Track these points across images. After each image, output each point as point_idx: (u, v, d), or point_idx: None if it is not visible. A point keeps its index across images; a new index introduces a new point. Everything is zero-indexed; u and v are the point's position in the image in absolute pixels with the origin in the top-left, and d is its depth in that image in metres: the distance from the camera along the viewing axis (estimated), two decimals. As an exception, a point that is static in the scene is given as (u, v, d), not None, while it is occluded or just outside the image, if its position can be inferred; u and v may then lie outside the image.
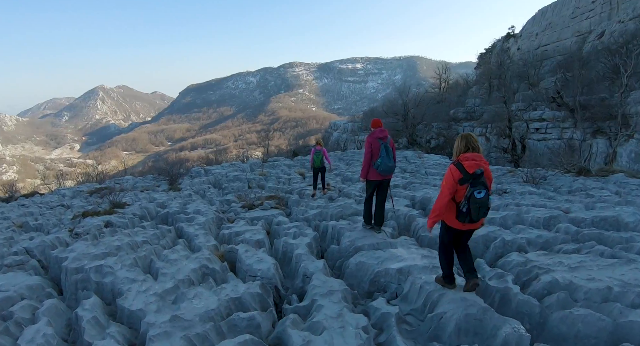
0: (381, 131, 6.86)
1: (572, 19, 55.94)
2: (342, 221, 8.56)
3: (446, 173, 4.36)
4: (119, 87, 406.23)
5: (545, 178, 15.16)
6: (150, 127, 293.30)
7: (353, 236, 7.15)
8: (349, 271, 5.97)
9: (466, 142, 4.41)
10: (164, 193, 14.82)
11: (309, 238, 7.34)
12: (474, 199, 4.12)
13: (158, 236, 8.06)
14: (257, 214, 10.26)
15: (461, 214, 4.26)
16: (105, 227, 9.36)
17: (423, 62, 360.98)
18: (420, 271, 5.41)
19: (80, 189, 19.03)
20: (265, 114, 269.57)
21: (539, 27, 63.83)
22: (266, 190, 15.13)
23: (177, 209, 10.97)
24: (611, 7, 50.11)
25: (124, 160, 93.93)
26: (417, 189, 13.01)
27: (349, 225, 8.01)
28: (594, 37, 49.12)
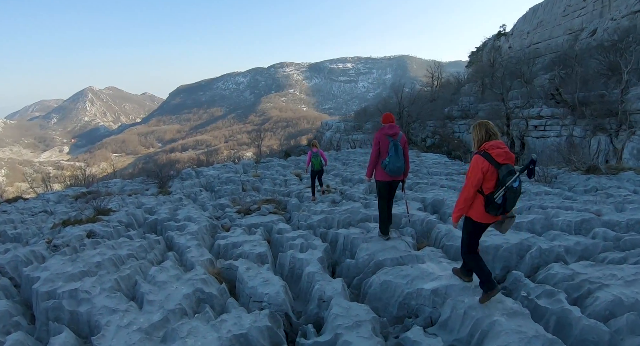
0: (391, 127, 6.27)
1: (564, 17, 56.40)
2: (352, 228, 7.65)
3: (472, 164, 4.06)
4: (108, 88, 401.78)
5: (556, 177, 14.53)
6: (140, 128, 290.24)
7: (371, 249, 6.25)
8: (373, 293, 5.06)
9: (486, 130, 4.12)
10: (153, 197, 13.81)
11: (320, 251, 6.43)
12: (511, 189, 3.87)
13: (145, 249, 7.10)
14: (254, 220, 9.34)
15: (493, 206, 3.98)
16: (87, 237, 8.38)
17: (413, 62, 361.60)
18: (461, 293, 4.54)
19: (66, 194, 17.92)
20: (256, 115, 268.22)
21: (530, 25, 64.45)
22: (262, 193, 14.22)
23: (166, 216, 10.03)
24: (603, 5, 50.55)
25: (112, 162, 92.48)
26: (426, 191, 12.19)
27: (363, 234, 7.10)
28: (586, 35, 49.44)
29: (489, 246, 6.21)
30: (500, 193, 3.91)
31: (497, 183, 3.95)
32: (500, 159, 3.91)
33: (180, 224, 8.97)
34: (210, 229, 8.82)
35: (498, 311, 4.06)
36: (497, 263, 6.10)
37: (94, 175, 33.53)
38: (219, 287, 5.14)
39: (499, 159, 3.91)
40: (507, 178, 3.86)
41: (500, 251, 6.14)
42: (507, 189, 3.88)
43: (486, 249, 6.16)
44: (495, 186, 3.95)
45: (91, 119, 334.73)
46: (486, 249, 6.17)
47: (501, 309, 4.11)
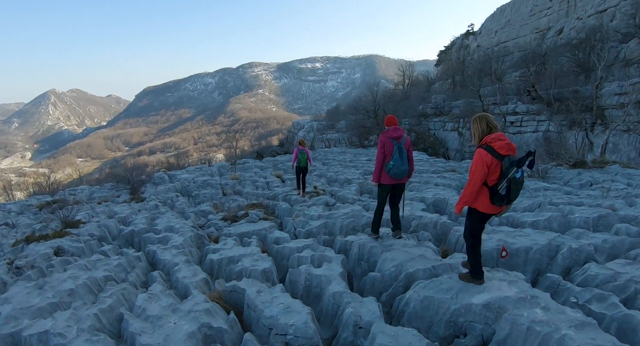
0: (395, 130, 6.12)
1: (531, 17, 58.05)
2: (362, 235, 6.85)
3: (475, 158, 4.10)
4: (71, 91, 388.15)
5: (547, 172, 14.31)
6: (106, 132, 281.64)
7: (397, 259, 5.45)
8: (413, 312, 4.30)
9: (487, 122, 4.16)
10: (126, 205, 12.69)
11: (338, 264, 5.58)
12: (515, 181, 3.97)
13: (125, 267, 6.16)
14: (244, 228, 8.44)
15: (498, 198, 4.06)
16: (55, 255, 7.35)
17: (382, 61, 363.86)
18: (517, 305, 3.93)
19: (29, 203, 16.50)
20: (225, 116, 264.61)
21: (498, 24, 65.99)
22: (245, 197, 13.31)
23: (144, 227, 8.98)
24: (569, 5, 52.26)
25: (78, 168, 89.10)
26: (422, 190, 11.59)
27: (381, 242, 6.29)
28: (553, 34, 50.77)
29: (519, 248, 5.82)
30: (503, 184, 3.99)
31: (500, 174, 4.02)
32: (503, 151, 3.96)
33: (162, 236, 8.00)
34: (196, 240, 7.88)
35: (564, 323, 3.59)
36: (528, 266, 5.73)
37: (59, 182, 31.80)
38: (227, 318, 4.21)
39: (501, 151, 3.96)
40: (510, 169, 3.93)
41: (531, 253, 5.74)
42: (510, 180, 3.96)
43: (516, 252, 5.81)
44: (499, 177, 4.03)
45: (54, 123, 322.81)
46: (516, 252, 5.81)
47: (565, 320, 3.65)
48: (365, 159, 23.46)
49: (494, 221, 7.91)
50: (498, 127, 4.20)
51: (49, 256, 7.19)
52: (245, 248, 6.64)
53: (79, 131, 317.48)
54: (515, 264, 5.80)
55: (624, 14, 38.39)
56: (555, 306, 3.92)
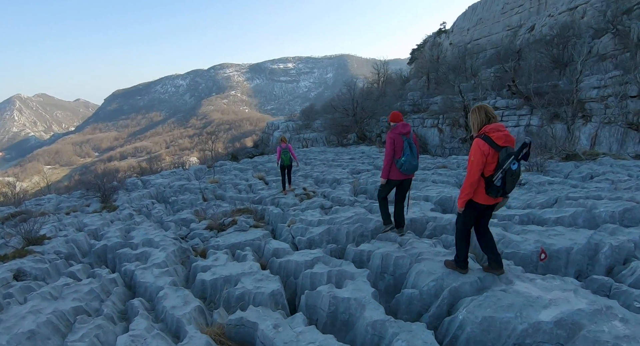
0: (404, 126, 6.06)
1: (502, 14, 59.40)
2: (378, 243, 5.96)
3: (473, 148, 4.06)
4: (37, 95, 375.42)
5: (542, 165, 13.93)
6: (75, 137, 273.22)
7: (435, 271, 4.57)
8: (471, 336, 3.47)
9: (486, 113, 4.13)
10: (97, 215, 11.48)
11: (365, 281, 4.62)
12: (510, 172, 3.92)
13: (98, 294, 5.13)
14: (234, 238, 7.47)
15: (493, 189, 4.02)
16: (14, 279, 6.27)
17: (354, 60, 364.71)
18: (594, 319, 3.35)
19: (-10, 215, 15.16)
20: (197, 118, 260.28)
21: (470, 22, 67.15)
22: (227, 201, 12.30)
23: (118, 241, 7.88)
24: (539, 3, 53.85)
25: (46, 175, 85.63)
26: (422, 188, 10.84)
27: (406, 251, 5.40)
28: (524, 31, 51.87)
29: (560, 249, 5.30)
30: (498, 175, 3.94)
31: (497, 165, 3.97)
32: (501, 142, 3.93)
33: (139, 251, 6.92)
34: (179, 255, 6.87)
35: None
36: (570, 268, 5.24)
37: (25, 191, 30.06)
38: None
39: (499, 142, 3.93)
40: (506, 160, 3.88)
41: (572, 254, 5.25)
42: (506, 171, 3.91)
43: (557, 254, 5.29)
44: (495, 168, 3.98)
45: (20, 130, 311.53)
46: (557, 253, 5.29)
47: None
48: (348, 158, 22.69)
49: (498, 217, 7.45)
50: (497, 118, 4.16)
51: (8, 282, 6.09)
52: (241, 264, 5.65)
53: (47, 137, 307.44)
54: (555, 267, 5.26)
55: (595, 10, 39.21)
56: (632, 317, 3.44)
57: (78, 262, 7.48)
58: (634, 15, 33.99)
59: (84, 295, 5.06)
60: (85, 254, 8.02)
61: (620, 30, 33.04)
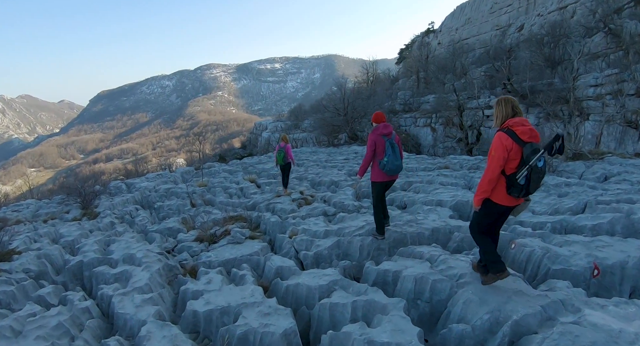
0: (385, 127, 6.03)
1: (491, 14, 59.62)
2: (404, 260, 5.05)
3: (494, 142, 3.70)
4: (21, 97, 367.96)
5: (553, 165, 13.42)
6: (60, 139, 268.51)
7: (487, 300, 3.71)
8: None
9: (512, 106, 3.79)
10: (75, 224, 10.42)
11: (402, 315, 3.69)
12: (536, 169, 3.56)
13: (67, 330, 4.17)
14: (228, 253, 6.52)
15: (516, 188, 3.65)
16: (-30, 305, 5.32)
17: (341, 60, 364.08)
18: None
19: (-38, 222, 14.00)
20: (184, 119, 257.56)
21: (459, 22, 67.34)
22: (217, 207, 11.36)
23: (95, 256, 6.84)
24: (528, 2, 54.14)
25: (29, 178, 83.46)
26: (431, 192, 10.06)
27: (442, 272, 4.52)
28: (513, 30, 51.95)
29: (613, 265, 4.55)
30: (523, 173, 3.60)
31: (520, 162, 3.63)
32: (525, 137, 3.61)
33: (119, 270, 5.91)
34: (165, 274, 5.92)
35: None
36: (625, 285, 4.50)
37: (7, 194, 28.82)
38: None
39: (523, 136, 3.61)
40: (531, 156, 3.54)
41: (627, 269, 4.53)
42: (531, 168, 3.58)
43: (610, 269, 4.55)
44: (519, 165, 3.65)
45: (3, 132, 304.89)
46: (610, 268, 4.55)
47: None
48: (342, 159, 21.86)
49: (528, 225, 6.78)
50: (522, 112, 3.83)
51: (-38, 308, 5.15)
52: (239, 289, 4.67)
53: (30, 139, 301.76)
54: (609, 283, 4.54)
55: (585, 9, 39.29)
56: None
57: (50, 281, 6.50)
58: (625, 14, 33.97)
59: (51, 331, 4.11)
60: (59, 271, 7.03)
61: (612, 29, 32.85)
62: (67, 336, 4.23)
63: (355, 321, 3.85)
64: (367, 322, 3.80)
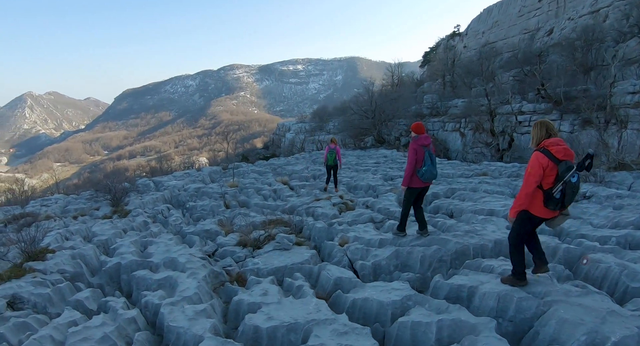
0: (425, 138, 6.48)
1: (519, 17, 58.20)
2: (475, 274, 4.62)
3: (531, 161, 4.13)
4: (49, 93, 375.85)
5: (599, 175, 12.73)
6: (85, 135, 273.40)
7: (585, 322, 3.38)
8: None
9: (547, 129, 4.24)
10: (107, 222, 10.12)
11: (499, 338, 3.32)
12: (570, 185, 3.93)
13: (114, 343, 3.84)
14: (277, 260, 6.12)
15: (552, 201, 4.01)
16: (9, 308, 5.03)
17: (363, 63, 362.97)
18: None
19: (-6, 216, 13.92)
20: (206, 118, 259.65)
21: (485, 25, 65.89)
22: (254, 210, 10.97)
23: (133, 259, 6.51)
24: (558, 6, 52.54)
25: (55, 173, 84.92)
26: (477, 199, 9.55)
27: (525, 289, 4.16)
28: (543, 34, 50.48)
29: None
30: (558, 188, 3.95)
31: (556, 178, 3.99)
32: (560, 156, 3.97)
33: (162, 276, 5.56)
34: (212, 281, 5.55)
35: None
36: None
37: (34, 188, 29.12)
38: None
39: (558, 155, 3.97)
40: (565, 173, 3.91)
41: None
42: (566, 183, 3.93)
43: None
44: (555, 181, 4.00)
45: (31, 127, 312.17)
46: None
47: None
48: (373, 162, 21.38)
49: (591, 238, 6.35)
50: (557, 134, 4.28)
51: (0, 312, 4.86)
52: (301, 303, 4.25)
53: (57, 134, 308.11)
54: None
55: (618, 13, 38.05)
56: None
57: (86, 283, 6.20)
58: (661, 18, 32.78)
59: (97, 344, 3.77)
60: (94, 272, 6.74)
61: (649, 33, 31.70)
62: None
63: (441, 342, 3.41)
64: (452, 344, 3.36)
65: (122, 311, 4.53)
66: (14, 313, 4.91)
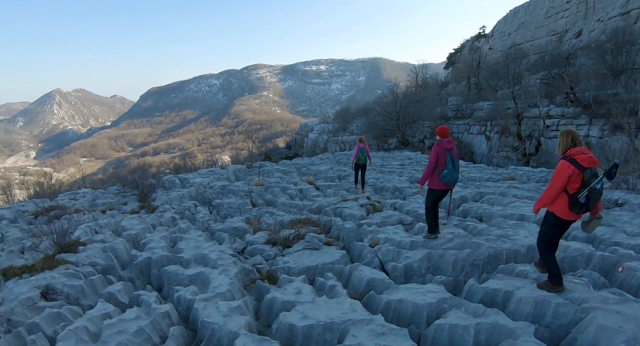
0: (449, 142, 6.67)
1: (547, 19, 56.63)
2: (507, 279, 4.51)
3: (558, 168, 4.39)
4: (76, 91, 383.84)
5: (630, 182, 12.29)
6: (110, 132, 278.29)
7: (624, 330, 3.32)
8: None
9: (572, 138, 4.50)
10: (136, 217, 10.23)
11: (536, 344, 3.24)
12: (594, 191, 4.17)
13: (149, 337, 3.85)
14: (307, 259, 6.08)
15: (576, 205, 4.26)
16: (43, 298, 5.10)
17: (386, 64, 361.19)
18: None
19: (25, 208, 14.16)
20: (229, 117, 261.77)
21: (512, 26, 64.35)
22: (281, 209, 10.97)
23: (164, 254, 6.54)
24: (587, 7, 50.98)
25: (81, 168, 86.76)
26: (507, 204, 9.32)
27: (561, 295, 4.07)
28: (571, 36, 49.14)
29: None
30: (584, 193, 4.20)
31: (581, 184, 4.23)
32: (585, 164, 4.20)
33: (193, 272, 5.58)
34: (243, 278, 5.54)
35: None
36: None
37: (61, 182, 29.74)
38: None
39: (583, 163, 4.20)
40: (591, 180, 4.17)
41: None
42: (591, 190, 4.18)
43: None
44: (580, 187, 4.24)
45: (59, 123, 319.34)
46: None
47: None
48: (398, 164, 21.21)
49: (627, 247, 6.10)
50: (583, 142, 4.49)
51: (34, 302, 4.93)
52: (335, 302, 4.20)
53: (83, 130, 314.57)
54: None
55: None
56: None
57: (117, 277, 6.26)
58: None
59: (132, 337, 3.78)
60: (124, 266, 6.80)
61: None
62: (149, 343, 3.90)
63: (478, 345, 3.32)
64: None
65: (155, 305, 4.55)
66: (47, 303, 4.98)
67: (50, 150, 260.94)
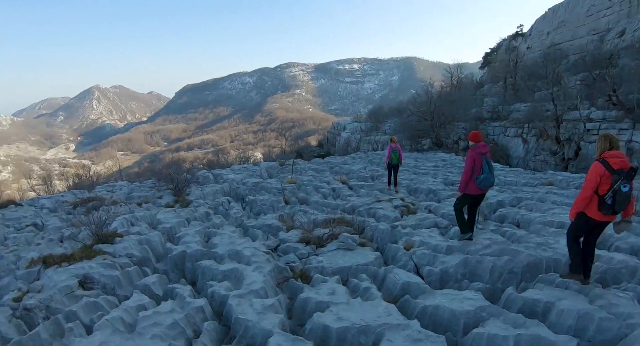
0: (483, 146, 6.74)
1: (588, 17, 54.28)
2: (549, 290, 4.37)
3: (591, 169, 4.59)
4: (114, 87, 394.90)
5: None
6: (146, 127, 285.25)
7: None
8: None
9: (610, 142, 4.67)
10: (171, 211, 10.40)
11: None
12: (619, 192, 4.34)
13: (183, 330, 3.87)
14: (341, 260, 6.02)
15: (604, 206, 4.45)
16: (80, 287, 5.21)
17: (420, 63, 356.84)
18: None
19: (64, 199, 14.60)
20: (262, 115, 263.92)
21: (551, 25, 61.98)
22: (312, 207, 10.94)
23: (198, 248, 6.63)
24: (630, 5, 48.58)
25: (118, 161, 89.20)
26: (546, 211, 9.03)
27: (604, 308, 3.96)
28: (613, 35, 47.14)
29: None
30: (610, 195, 4.39)
31: (610, 186, 4.41)
32: (616, 166, 4.41)
33: (228, 268, 5.59)
34: (275, 276, 5.52)
35: None
36: None
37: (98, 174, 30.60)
38: None
39: (614, 166, 4.42)
40: (617, 181, 4.36)
41: None
42: (616, 191, 4.36)
43: None
44: (609, 189, 4.41)
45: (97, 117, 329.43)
46: None
47: None
48: (431, 166, 20.88)
49: None
50: (620, 148, 4.67)
51: (72, 290, 5.05)
52: (370, 305, 4.13)
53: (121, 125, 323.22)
54: None
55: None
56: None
57: (152, 269, 6.36)
58: None
59: (167, 330, 3.81)
60: (159, 259, 6.90)
61: None
62: (182, 337, 3.92)
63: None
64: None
65: (189, 299, 4.58)
66: (84, 292, 5.10)
67: (89, 143, 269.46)
